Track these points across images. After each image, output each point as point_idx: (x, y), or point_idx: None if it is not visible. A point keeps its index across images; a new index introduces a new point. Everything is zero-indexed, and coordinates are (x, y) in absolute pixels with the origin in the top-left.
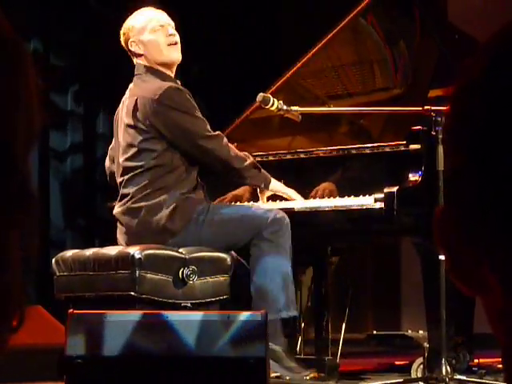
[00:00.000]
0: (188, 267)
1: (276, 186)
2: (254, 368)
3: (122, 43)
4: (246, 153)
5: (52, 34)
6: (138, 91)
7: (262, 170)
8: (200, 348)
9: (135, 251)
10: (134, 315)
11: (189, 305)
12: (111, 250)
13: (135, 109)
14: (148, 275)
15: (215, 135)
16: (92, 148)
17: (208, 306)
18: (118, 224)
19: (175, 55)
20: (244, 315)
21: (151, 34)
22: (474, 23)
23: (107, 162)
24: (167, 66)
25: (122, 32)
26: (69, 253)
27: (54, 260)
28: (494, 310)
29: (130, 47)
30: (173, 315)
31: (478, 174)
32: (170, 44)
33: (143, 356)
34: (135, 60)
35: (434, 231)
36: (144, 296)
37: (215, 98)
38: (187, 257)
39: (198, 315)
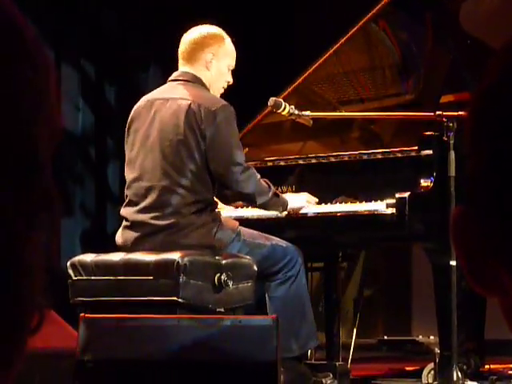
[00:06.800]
0: (223, 273)
1: (292, 205)
2: (265, 372)
3: (191, 39)
4: (267, 180)
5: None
6: (189, 96)
7: (280, 196)
8: (212, 352)
9: (178, 257)
10: (147, 320)
11: (222, 310)
12: (144, 256)
13: (188, 112)
14: (191, 281)
15: (247, 168)
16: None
17: (235, 311)
18: (139, 231)
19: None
20: (255, 320)
21: (226, 67)
22: (486, 29)
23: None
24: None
25: (200, 32)
26: (87, 257)
27: (69, 263)
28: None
29: (202, 52)
30: (185, 320)
31: (499, 177)
32: (224, 88)
33: (155, 360)
34: (186, 65)
35: (451, 232)
36: (186, 302)
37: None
38: (222, 262)
39: (209, 320)
